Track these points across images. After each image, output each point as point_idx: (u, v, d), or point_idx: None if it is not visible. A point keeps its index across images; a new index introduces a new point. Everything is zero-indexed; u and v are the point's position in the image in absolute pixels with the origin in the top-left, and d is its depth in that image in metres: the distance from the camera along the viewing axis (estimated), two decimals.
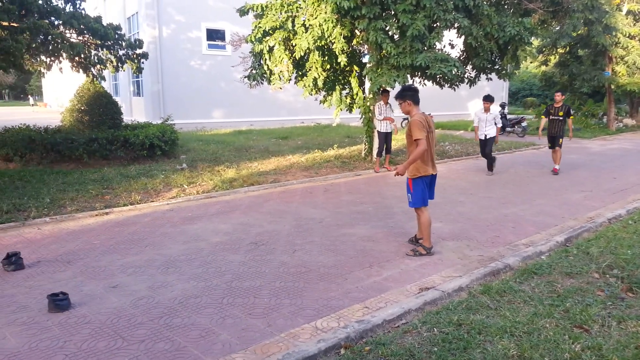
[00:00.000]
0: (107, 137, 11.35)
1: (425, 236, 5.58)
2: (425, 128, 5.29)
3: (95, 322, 3.97)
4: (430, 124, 5.43)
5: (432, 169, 5.50)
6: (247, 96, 21.07)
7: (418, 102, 5.48)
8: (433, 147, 5.50)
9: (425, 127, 5.30)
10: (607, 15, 19.69)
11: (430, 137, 5.39)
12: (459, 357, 3.33)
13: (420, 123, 5.30)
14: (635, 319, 3.84)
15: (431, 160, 5.47)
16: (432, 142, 5.45)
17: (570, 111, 10.88)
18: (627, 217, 7.13)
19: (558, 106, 10.76)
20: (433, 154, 5.50)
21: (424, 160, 5.41)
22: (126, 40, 12.70)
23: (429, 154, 5.42)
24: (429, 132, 5.36)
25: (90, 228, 6.86)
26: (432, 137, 5.47)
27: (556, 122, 10.83)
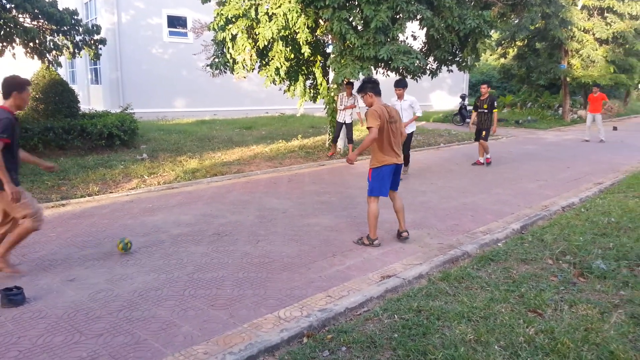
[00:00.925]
0: (64, 126, 10.99)
1: (370, 227, 5.58)
2: (381, 118, 5.32)
3: (52, 316, 3.87)
4: (391, 114, 5.46)
5: (396, 158, 5.52)
6: (210, 85, 20.72)
7: (379, 94, 5.51)
8: (397, 137, 5.52)
9: (382, 117, 5.32)
10: (563, 9, 20.30)
11: (392, 127, 5.43)
12: (418, 342, 3.42)
13: (375, 112, 5.33)
14: (586, 302, 4.01)
15: (392, 150, 5.49)
16: (395, 131, 5.48)
17: (495, 104, 10.88)
18: (580, 205, 7.42)
19: (483, 99, 10.81)
20: (396, 143, 5.52)
21: (384, 149, 5.45)
22: (83, 25, 12.29)
23: (389, 144, 5.45)
24: (389, 122, 5.39)
25: (46, 220, 6.58)
26: (395, 127, 5.49)
27: (482, 114, 10.87)
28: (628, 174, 9.83)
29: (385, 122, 5.38)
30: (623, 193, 7.96)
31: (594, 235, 5.72)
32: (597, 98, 15.39)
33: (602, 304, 3.99)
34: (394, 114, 5.52)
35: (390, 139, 5.45)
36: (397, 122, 5.55)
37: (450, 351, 3.28)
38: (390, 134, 5.43)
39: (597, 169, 10.75)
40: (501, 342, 3.41)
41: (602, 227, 6.05)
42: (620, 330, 3.54)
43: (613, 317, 3.74)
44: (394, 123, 5.49)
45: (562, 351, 3.26)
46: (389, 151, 5.48)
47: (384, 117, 5.36)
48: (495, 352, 3.28)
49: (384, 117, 5.36)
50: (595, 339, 3.41)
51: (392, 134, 5.46)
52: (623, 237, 5.59)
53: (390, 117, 5.45)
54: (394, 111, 5.54)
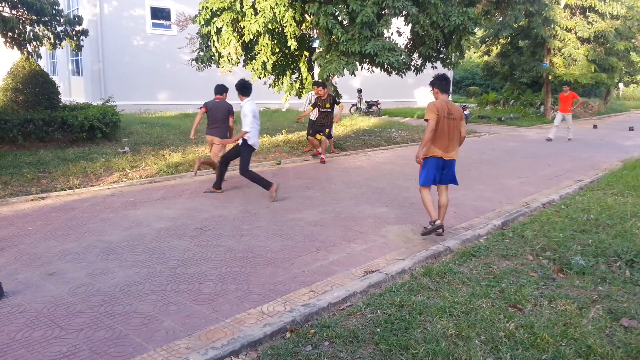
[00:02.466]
0: (44, 118, 10.79)
1: (428, 212, 5.79)
2: (439, 112, 5.51)
3: (31, 311, 3.81)
4: (451, 111, 5.60)
5: (444, 153, 5.63)
6: (194, 78, 20.50)
7: (445, 92, 5.68)
8: (452, 133, 5.62)
9: (439, 112, 5.51)
10: (546, 7, 20.52)
11: (449, 123, 5.57)
12: (400, 337, 3.44)
13: (433, 106, 5.55)
14: (565, 298, 4.08)
15: (443, 144, 5.60)
16: (451, 128, 5.59)
17: (337, 100, 11.22)
18: (560, 202, 7.53)
19: (325, 98, 10.87)
20: (449, 138, 5.62)
21: (434, 141, 5.59)
22: (64, 16, 12.06)
23: (440, 138, 5.58)
24: (446, 117, 5.55)
25: (26, 213, 6.55)
26: (453, 124, 5.60)
27: (325, 113, 11.00)
28: (607, 171, 10.00)
29: (442, 118, 5.52)
30: (602, 190, 8.10)
31: (573, 232, 5.81)
32: (568, 97, 15.20)
33: (581, 299, 4.06)
34: (455, 111, 5.64)
35: (443, 133, 5.57)
36: (457, 120, 5.65)
37: (431, 345, 3.31)
38: (445, 128, 5.56)
39: (578, 166, 10.92)
40: (482, 337, 3.46)
41: (581, 223, 6.15)
42: (597, 325, 3.61)
43: (591, 313, 3.80)
44: (453, 120, 5.61)
45: (542, 346, 3.31)
46: (439, 144, 5.60)
47: (442, 112, 5.52)
48: (476, 346, 3.32)
49: (441, 112, 5.51)
50: (573, 333, 3.47)
51: (448, 129, 5.58)
52: (602, 234, 5.68)
53: (449, 114, 5.58)
54: (455, 109, 5.66)
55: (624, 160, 11.59)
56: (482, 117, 22.21)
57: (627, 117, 26.47)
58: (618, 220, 6.19)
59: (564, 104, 15.33)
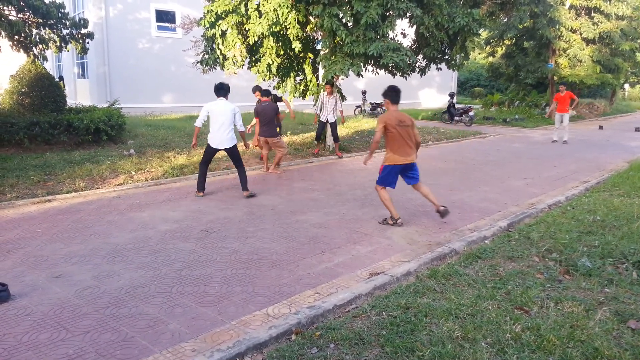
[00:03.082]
0: (50, 120, 10.86)
1: (389, 209, 6.33)
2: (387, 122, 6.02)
3: (37, 313, 3.83)
4: (402, 120, 6.09)
5: (403, 158, 6.15)
6: (198, 80, 20.54)
7: (395, 102, 6.17)
8: (408, 140, 6.13)
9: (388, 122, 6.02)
10: (551, 8, 20.48)
11: (401, 130, 6.06)
12: (406, 339, 3.43)
13: (382, 118, 6.09)
14: (571, 300, 4.06)
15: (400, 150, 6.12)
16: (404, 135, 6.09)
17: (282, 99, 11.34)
18: (566, 203, 7.50)
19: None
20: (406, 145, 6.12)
21: (392, 149, 6.14)
22: (70, 19, 12.14)
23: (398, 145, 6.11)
24: (398, 126, 6.04)
25: (32, 216, 6.58)
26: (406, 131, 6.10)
27: None
28: (613, 172, 9.95)
29: (395, 127, 6.02)
30: (608, 192, 8.05)
31: (579, 233, 5.78)
32: (565, 97, 14.86)
33: (587, 301, 4.04)
34: (405, 119, 6.12)
35: (400, 141, 6.09)
36: (410, 127, 6.15)
37: (437, 348, 3.30)
38: (400, 136, 6.07)
39: (583, 167, 10.87)
40: (488, 339, 3.44)
41: (587, 225, 6.12)
42: (604, 327, 3.58)
43: (598, 315, 3.78)
44: (405, 127, 6.10)
45: (548, 348, 3.30)
46: (399, 152, 6.13)
47: (392, 122, 6.03)
48: (482, 348, 3.31)
49: (391, 122, 6.02)
50: (580, 336, 3.45)
51: (403, 136, 6.08)
52: (608, 235, 5.65)
53: (401, 122, 6.08)
54: (405, 117, 6.13)
55: (630, 161, 11.52)
56: (487, 118, 22.15)
57: (633, 118, 26.33)
58: (624, 222, 6.15)
59: (561, 104, 14.99)
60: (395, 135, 6.05)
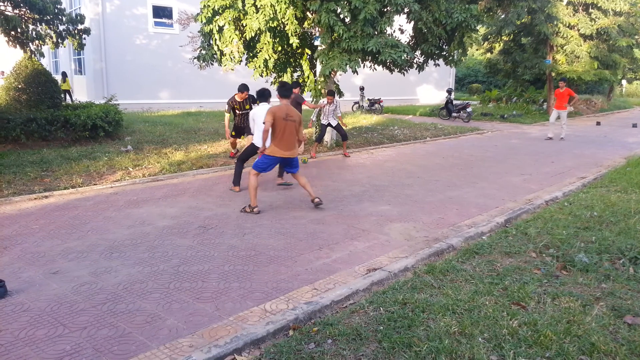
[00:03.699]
0: (47, 117, 10.83)
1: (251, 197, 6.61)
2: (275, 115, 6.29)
3: (34, 309, 3.82)
4: (290, 114, 6.38)
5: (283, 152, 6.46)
6: (196, 76, 20.55)
7: (285, 97, 6.49)
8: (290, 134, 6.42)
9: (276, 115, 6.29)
10: (549, 4, 20.46)
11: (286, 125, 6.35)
12: (403, 334, 3.44)
13: (270, 110, 6.32)
14: (568, 295, 4.07)
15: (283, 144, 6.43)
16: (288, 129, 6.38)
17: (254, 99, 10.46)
18: (563, 199, 7.51)
19: (241, 100, 10.21)
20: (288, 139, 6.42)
21: (275, 142, 6.42)
22: (67, 15, 12.10)
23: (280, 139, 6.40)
24: (284, 119, 6.33)
25: (29, 212, 6.56)
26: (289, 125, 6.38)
27: (244, 115, 10.24)
28: (611, 168, 9.97)
29: (281, 120, 6.31)
30: (606, 187, 8.07)
31: (576, 229, 5.79)
32: (563, 94, 14.67)
33: (584, 296, 4.05)
34: (293, 114, 6.42)
35: (284, 134, 6.39)
36: (296, 122, 6.44)
37: (434, 343, 3.30)
38: (285, 130, 6.37)
39: (581, 163, 10.89)
40: (485, 334, 3.45)
41: (584, 221, 6.13)
42: (601, 323, 3.59)
43: (595, 310, 3.79)
44: (292, 122, 6.39)
45: (545, 343, 3.31)
46: (282, 145, 6.44)
47: (280, 115, 6.31)
48: (479, 344, 3.31)
49: (279, 115, 6.31)
50: (577, 331, 3.46)
51: (288, 130, 6.39)
52: (605, 231, 5.67)
53: (288, 116, 6.36)
54: (294, 112, 6.43)
55: (627, 157, 11.55)
56: (484, 114, 22.16)
57: (631, 114, 26.37)
58: (621, 217, 6.17)
59: (559, 100, 14.81)
60: (280, 128, 6.34)
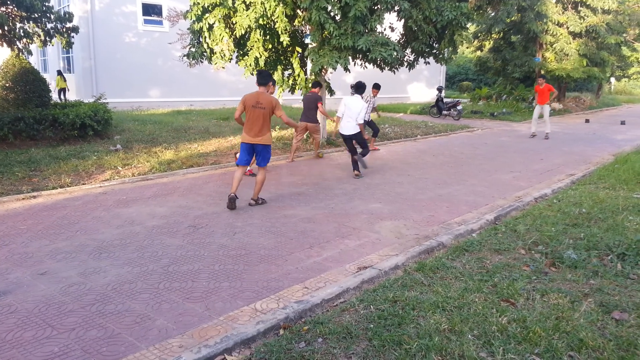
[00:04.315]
0: (35, 116, 10.73)
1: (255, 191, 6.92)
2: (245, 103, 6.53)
3: (22, 311, 3.79)
4: (259, 100, 6.49)
5: (249, 138, 6.62)
6: (186, 75, 20.45)
7: (260, 84, 6.62)
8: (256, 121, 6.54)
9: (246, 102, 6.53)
10: (538, 2, 20.59)
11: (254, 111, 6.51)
12: (393, 332, 3.44)
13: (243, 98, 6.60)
14: (557, 292, 4.09)
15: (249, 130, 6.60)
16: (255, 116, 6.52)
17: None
18: (552, 196, 7.56)
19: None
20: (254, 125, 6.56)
21: (244, 129, 6.66)
22: (55, 12, 11.99)
23: (247, 125, 6.60)
24: (253, 107, 6.48)
25: (17, 212, 6.50)
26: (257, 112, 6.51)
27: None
28: (599, 165, 10.05)
29: (250, 107, 6.49)
30: (594, 184, 8.14)
31: (565, 226, 5.83)
32: (544, 90, 14.78)
33: (573, 293, 4.08)
34: (263, 101, 6.49)
35: (250, 121, 6.55)
36: (266, 109, 6.50)
37: (425, 341, 3.31)
38: (252, 116, 6.52)
39: (570, 160, 10.97)
40: (475, 332, 3.47)
41: (573, 217, 6.17)
42: (589, 319, 3.62)
43: (583, 306, 3.82)
44: (261, 109, 6.49)
45: (534, 340, 3.33)
46: (247, 130, 6.63)
47: (250, 102, 6.49)
48: (469, 341, 3.33)
49: (249, 102, 6.49)
50: (565, 327, 3.49)
51: (254, 117, 6.51)
52: (593, 228, 5.71)
53: (258, 104, 6.48)
54: (265, 99, 6.50)
55: (615, 154, 11.65)
56: (475, 112, 22.26)
57: (619, 111, 26.61)
58: (610, 214, 6.22)
59: (540, 96, 14.92)
60: (248, 115, 6.53)
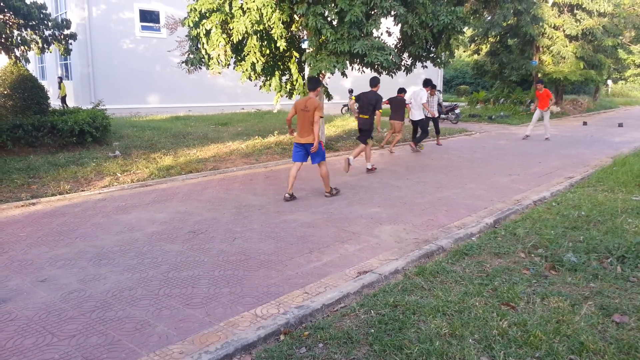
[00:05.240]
0: (33, 123, 10.73)
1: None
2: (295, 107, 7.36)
3: (22, 318, 3.78)
4: (306, 105, 7.21)
5: (299, 138, 7.42)
6: (184, 81, 20.46)
7: (311, 89, 7.43)
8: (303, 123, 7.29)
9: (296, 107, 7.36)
10: (534, 6, 20.67)
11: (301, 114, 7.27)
12: (394, 337, 3.44)
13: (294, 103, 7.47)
14: (557, 295, 4.10)
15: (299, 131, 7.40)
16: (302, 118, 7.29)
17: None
18: (551, 199, 7.58)
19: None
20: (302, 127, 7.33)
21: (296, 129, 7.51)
22: (52, 20, 12.01)
23: (298, 127, 7.40)
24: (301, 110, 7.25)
25: (16, 219, 6.49)
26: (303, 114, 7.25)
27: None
28: (597, 168, 10.08)
29: (300, 111, 7.28)
30: (593, 187, 8.15)
31: (564, 229, 5.84)
32: (543, 95, 15.13)
33: (573, 296, 4.08)
34: (309, 105, 7.20)
35: (298, 123, 7.36)
36: (309, 112, 7.20)
37: (425, 345, 3.31)
38: (299, 119, 7.32)
39: (568, 163, 10.99)
40: (475, 336, 3.47)
41: (572, 220, 6.19)
42: (590, 322, 3.63)
43: (583, 309, 3.83)
44: (307, 112, 7.22)
45: (535, 343, 3.33)
46: (298, 132, 7.44)
47: (299, 107, 7.30)
48: (470, 345, 3.33)
49: (298, 107, 7.32)
50: (566, 330, 3.49)
51: (302, 120, 7.28)
52: (593, 230, 5.72)
53: (305, 108, 7.24)
54: (310, 104, 7.19)
55: (613, 156, 11.68)
56: (472, 115, 22.31)
57: (617, 114, 26.68)
58: (609, 217, 6.24)
59: (540, 101, 15.28)
60: (298, 118, 7.36)
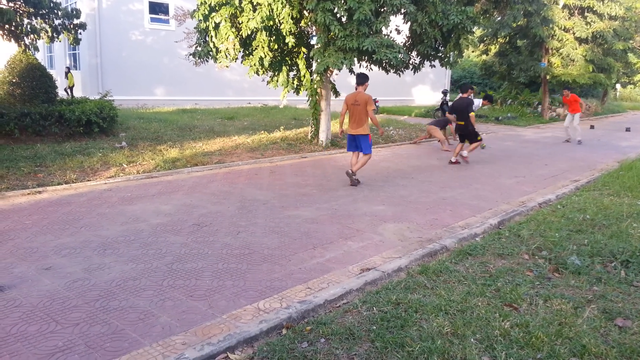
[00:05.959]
0: (41, 112, 10.77)
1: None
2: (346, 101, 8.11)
3: (27, 305, 3.81)
4: (357, 99, 7.97)
5: (350, 130, 8.17)
6: (192, 74, 20.48)
7: (359, 84, 8.09)
8: (355, 116, 8.04)
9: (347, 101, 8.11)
10: (545, 7, 20.53)
11: (353, 108, 8.04)
12: (396, 334, 3.45)
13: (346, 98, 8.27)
14: (560, 297, 4.09)
15: (351, 123, 8.16)
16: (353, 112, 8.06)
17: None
18: (556, 201, 7.55)
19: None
20: (354, 120, 8.08)
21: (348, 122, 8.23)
22: (62, 9, 12.03)
23: (350, 119, 8.15)
24: (352, 104, 8.01)
25: (22, 207, 6.53)
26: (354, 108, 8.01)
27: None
28: (604, 172, 10.03)
29: (350, 105, 8.03)
30: (598, 191, 8.12)
31: (569, 232, 5.83)
32: (570, 100, 15.24)
33: (576, 299, 4.08)
34: (359, 99, 7.94)
35: (351, 117, 8.10)
36: (361, 105, 7.92)
37: (427, 343, 3.32)
38: (351, 113, 8.08)
39: (574, 166, 10.95)
40: (477, 335, 3.47)
41: (577, 223, 6.17)
42: (592, 325, 3.62)
43: (586, 312, 3.82)
44: (357, 106, 7.95)
45: (537, 345, 3.33)
46: (349, 124, 8.16)
47: (350, 101, 8.04)
48: (471, 345, 3.33)
49: (349, 102, 8.05)
50: (568, 333, 3.49)
51: (353, 113, 8.05)
52: (597, 234, 5.70)
53: (355, 102, 7.97)
54: (360, 98, 7.94)
55: (620, 160, 11.62)
56: (479, 116, 22.22)
57: (624, 118, 26.55)
58: (614, 221, 6.21)
59: (570, 106, 15.38)
60: (349, 112, 8.08)
